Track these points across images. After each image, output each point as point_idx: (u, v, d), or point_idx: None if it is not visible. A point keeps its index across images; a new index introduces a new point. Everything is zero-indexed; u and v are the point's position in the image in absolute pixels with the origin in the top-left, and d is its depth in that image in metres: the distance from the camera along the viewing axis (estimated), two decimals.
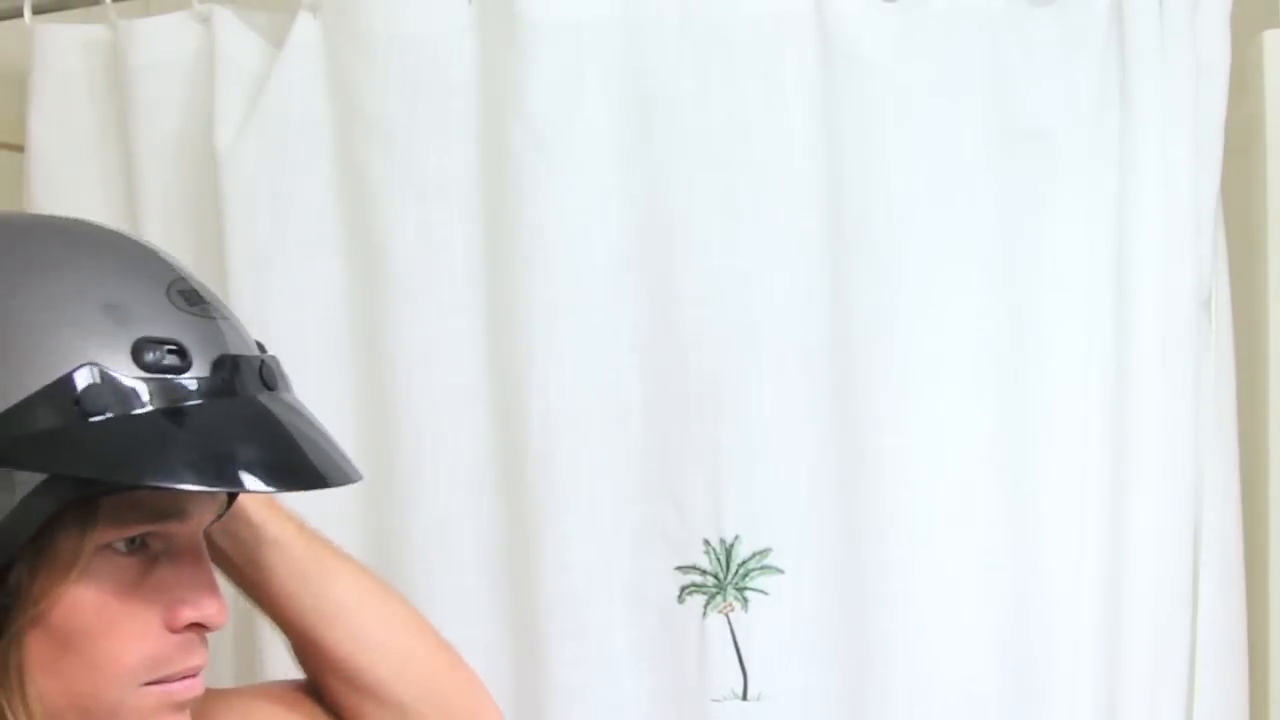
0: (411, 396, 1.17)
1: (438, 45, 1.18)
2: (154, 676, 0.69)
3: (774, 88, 1.15)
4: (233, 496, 0.75)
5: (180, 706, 0.71)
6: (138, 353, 0.64)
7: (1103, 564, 1.13)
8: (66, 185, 1.29)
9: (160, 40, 1.25)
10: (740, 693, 1.16)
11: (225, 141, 1.20)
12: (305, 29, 1.21)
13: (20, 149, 1.31)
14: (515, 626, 1.18)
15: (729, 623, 1.17)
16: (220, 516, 0.74)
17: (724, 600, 1.16)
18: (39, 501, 0.63)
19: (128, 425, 0.63)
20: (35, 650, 0.67)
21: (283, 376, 0.71)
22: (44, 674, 0.67)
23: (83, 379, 0.63)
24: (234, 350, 0.68)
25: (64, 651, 0.68)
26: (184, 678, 0.70)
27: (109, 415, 0.63)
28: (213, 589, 0.70)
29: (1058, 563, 1.13)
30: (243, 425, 0.67)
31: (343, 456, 0.71)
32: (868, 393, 1.14)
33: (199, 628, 0.70)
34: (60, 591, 0.66)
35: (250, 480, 0.65)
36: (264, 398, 0.68)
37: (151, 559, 0.69)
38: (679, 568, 1.16)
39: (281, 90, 1.20)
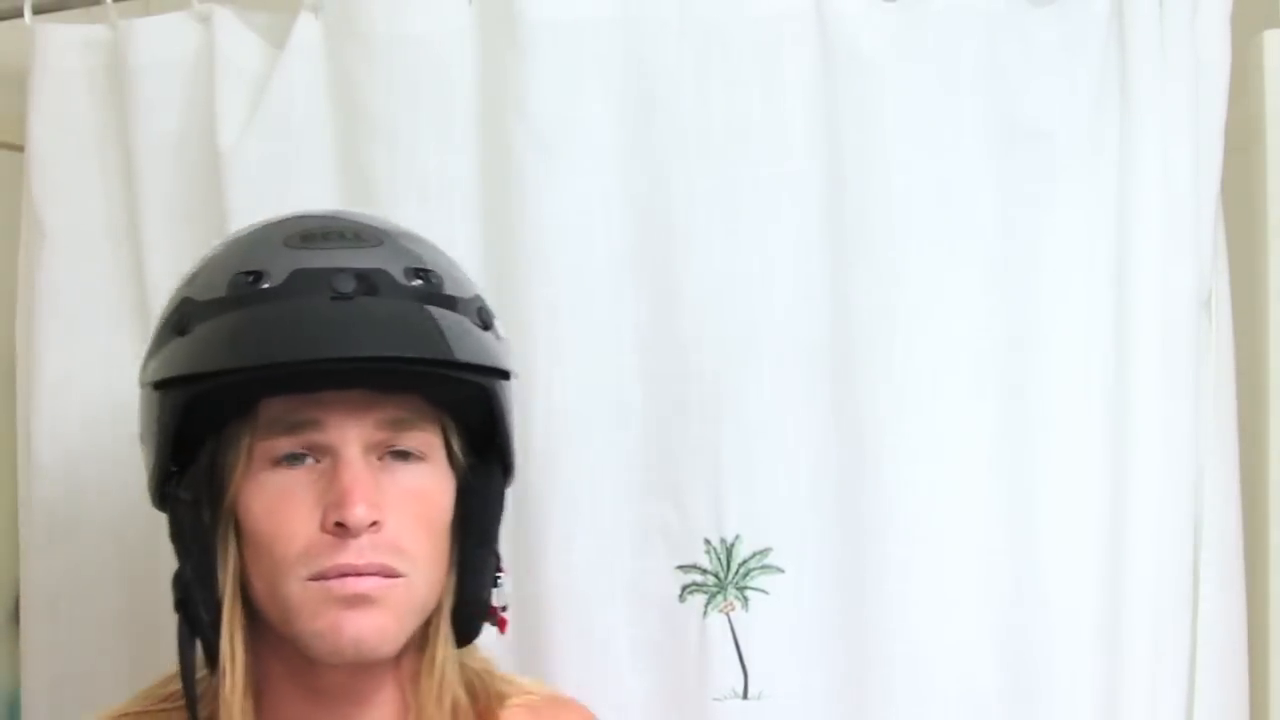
0: None
1: (438, 45, 1.18)
2: (312, 572, 0.80)
3: (774, 88, 1.15)
4: (390, 425, 0.83)
5: (345, 602, 0.80)
6: (230, 284, 0.82)
7: (1103, 563, 1.13)
8: (66, 185, 1.29)
9: (160, 40, 1.25)
10: (741, 692, 1.16)
11: (227, 142, 1.20)
12: (306, 29, 1.21)
13: (20, 149, 1.31)
14: (516, 625, 1.18)
15: (730, 622, 1.17)
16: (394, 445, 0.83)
17: (725, 599, 1.16)
18: (161, 409, 0.83)
19: (200, 333, 0.81)
20: (246, 553, 0.82)
21: (386, 284, 0.82)
22: (252, 573, 0.83)
23: (177, 309, 0.85)
24: (327, 266, 0.81)
25: (255, 551, 0.82)
26: (340, 575, 0.79)
27: (189, 334, 0.82)
28: (354, 495, 0.79)
29: (1058, 562, 1.13)
30: (275, 319, 0.80)
31: (358, 344, 0.79)
32: (868, 392, 1.14)
33: (345, 529, 0.79)
34: (237, 495, 0.82)
35: (237, 357, 0.79)
36: (324, 300, 0.80)
37: (317, 473, 0.81)
38: (680, 567, 1.16)
39: (282, 91, 1.20)
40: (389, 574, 0.81)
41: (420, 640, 0.87)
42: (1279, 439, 1.17)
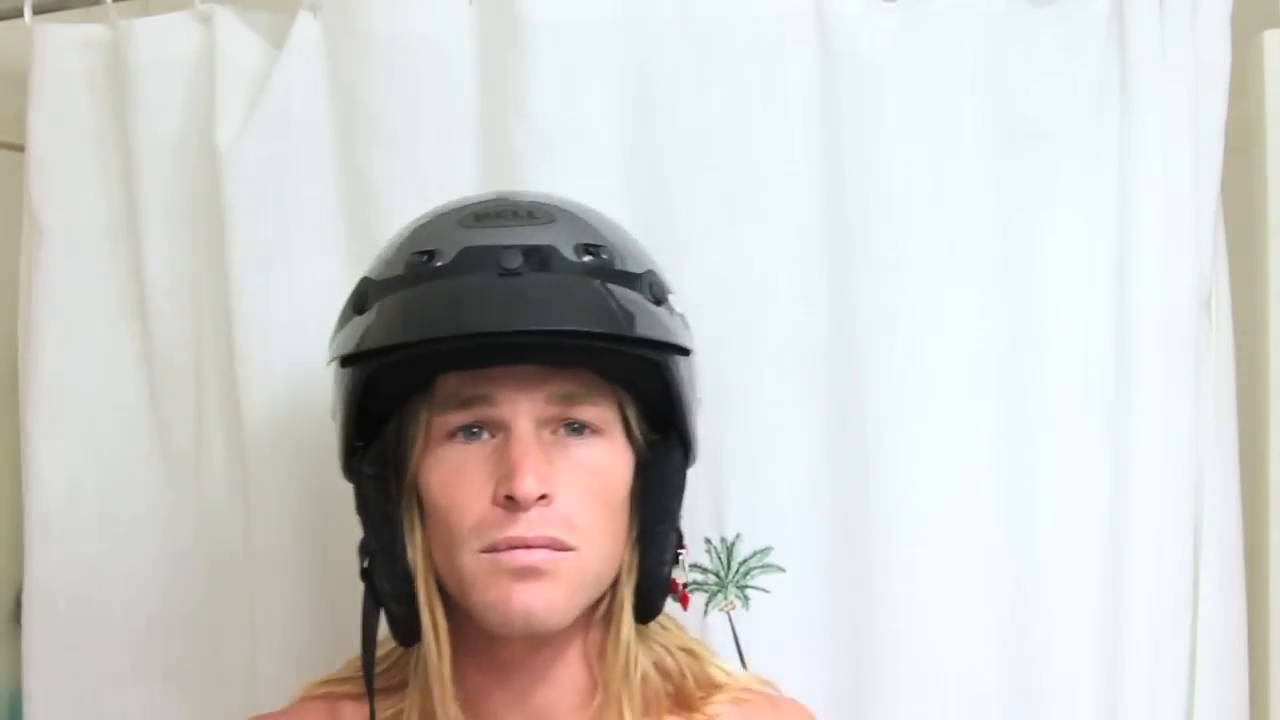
0: None
1: (438, 45, 1.18)
2: (483, 544, 0.82)
3: (774, 88, 1.15)
4: (561, 400, 0.85)
5: (515, 574, 0.81)
6: (406, 263, 0.85)
7: (1103, 563, 1.13)
8: (66, 185, 1.29)
9: (160, 40, 1.25)
10: None
11: (226, 141, 1.20)
12: (305, 29, 1.21)
13: (20, 149, 1.31)
14: None
15: (730, 620, 1.17)
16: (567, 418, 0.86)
17: (725, 598, 1.16)
18: (344, 385, 0.86)
19: (376, 310, 0.84)
20: (428, 526, 0.86)
21: (556, 260, 0.84)
22: (434, 545, 0.86)
23: (358, 289, 0.88)
24: (496, 243, 0.83)
25: (434, 524, 0.85)
26: (510, 547, 0.81)
27: (367, 311, 0.85)
28: (523, 468, 0.81)
29: (1058, 562, 1.13)
30: (443, 295, 0.82)
31: (525, 317, 0.81)
32: (868, 392, 1.14)
33: (514, 502, 0.81)
34: (417, 469, 0.85)
35: (406, 332, 0.82)
36: (492, 277, 0.82)
37: (491, 447, 0.83)
38: None
39: (282, 90, 1.20)
40: (559, 547, 0.82)
41: (606, 616, 0.89)
42: (1279, 439, 1.17)
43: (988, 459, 1.14)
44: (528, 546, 0.81)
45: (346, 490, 1.18)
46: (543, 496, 0.81)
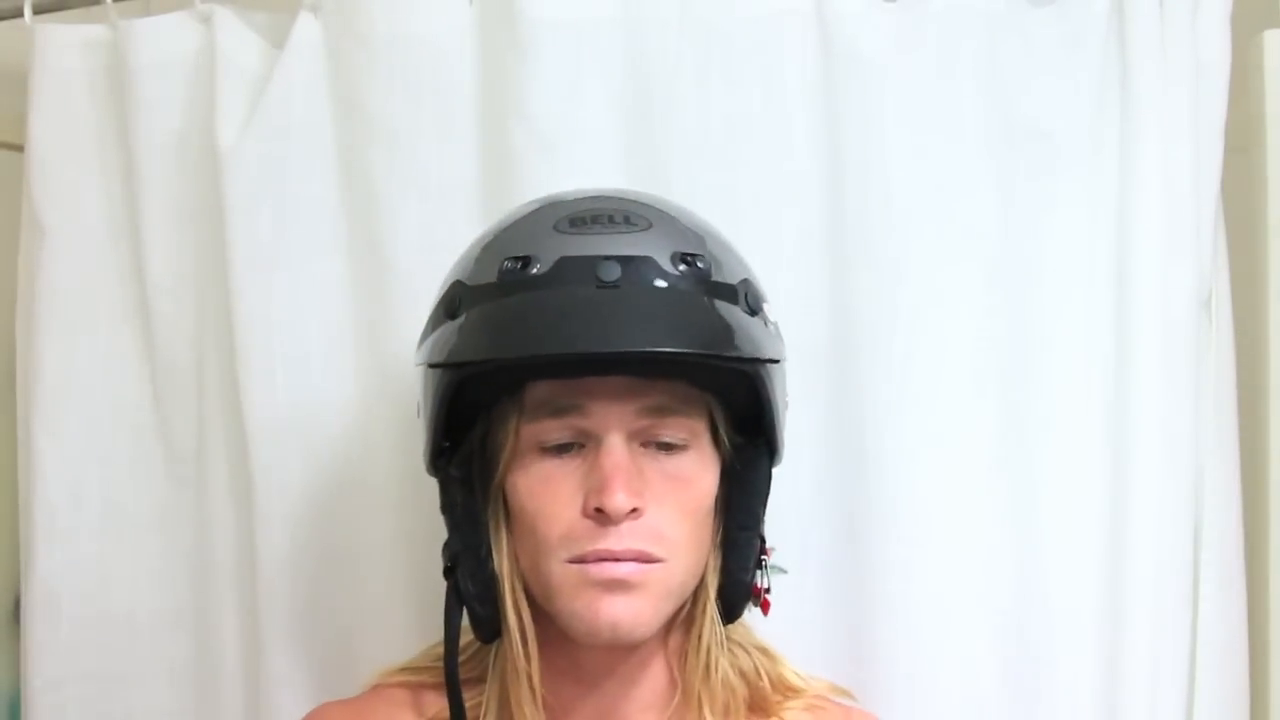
0: (414, 396, 1.16)
1: (438, 45, 1.18)
2: (571, 554, 0.82)
3: (774, 87, 1.15)
4: (652, 413, 0.84)
5: (603, 586, 0.82)
6: (500, 270, 0.84)
7: (1103, 563, 1.13)
8: (66, 185, 1.29)
9: (161, 40, 1.25)
10: None
11: (226, 142, 1.20)
12: (306, 29, 1.21)
13: (20, 149, 1.31)
14: None
15: None
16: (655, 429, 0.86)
17: None
18: (433, 389, 0.85)
19: (470, 319, 0.84)
20: (514, 530, 0.86)
21: (647, 270, 0.83)
22: (519, 550, 0.86)
23: (449, 291, 0.87)
24: (594, 253, 0.82)
25: (521, 530, 0.85)
26: (599, 560, 0.81)
27: (459, 318, 0.84)
28: (615, 482, 0.81)
29: (1058, 562, 1.13)
30: (512, 311, 0.82)
31: (640, 335, 0.80)
32: (869, 392, 1.14)
33: (605, 515, 0.81)
34: (505, 475, 0.85)
35: (501, 348, 0.81)
36: (589, 289, 0.81)
37: (580, 457, 0.83)
38: None
39: (282, 90, 1.20)
40: (647, 559, 0.83)
41: (688, 619, 0.89)
42: (1279, 439, 1.17)
43: (988, 459, 1.14)
44: (616, 559, 0.82)
45: (347, 490, 1.18)
46: (633, 510, 0.82)
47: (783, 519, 1.15)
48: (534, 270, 0.83)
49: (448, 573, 0.88)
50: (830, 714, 0.97)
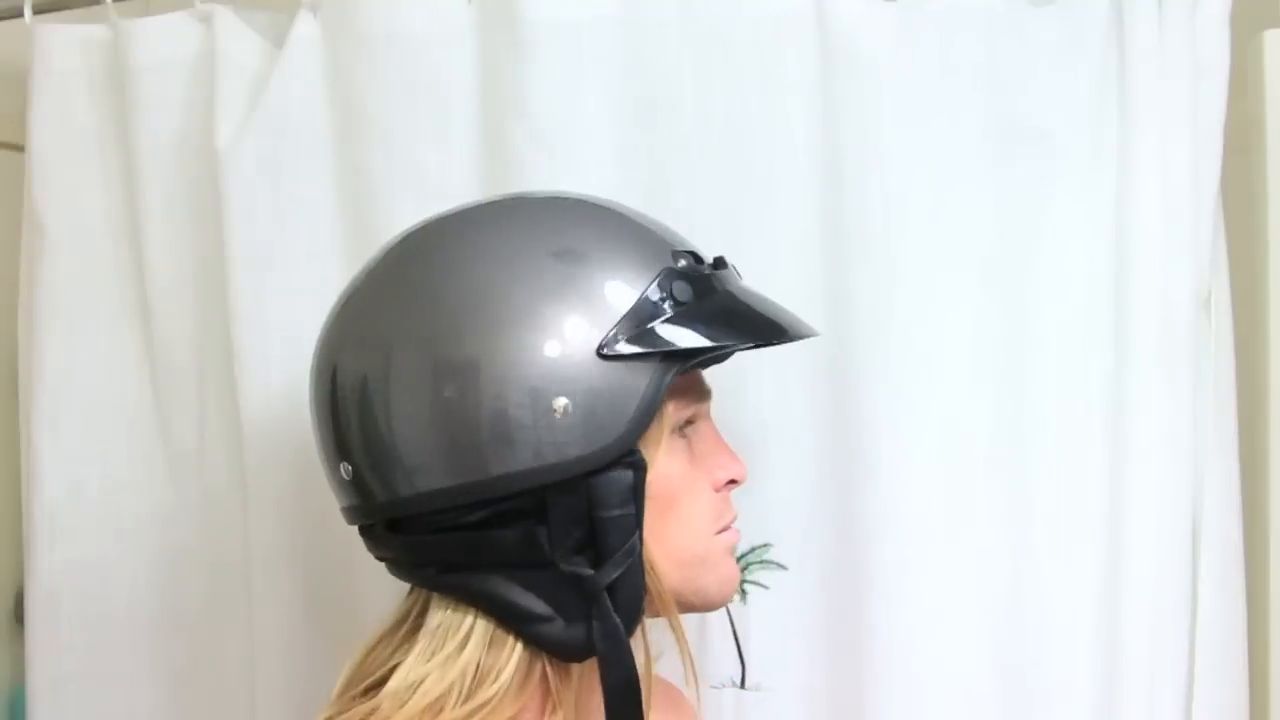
0: None
1: (438, 45, 1.18)
2: (718, 527, 0.88)
3: (774, 88, 1.15)
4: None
5: (732, 550, 0.90)
6: (676, 258, 0.85)
7: (1102, 563, 1.13)
8: (66, 185, 1.29)
9: (160, 40, 1.25)
10: (739, 681, 1.17)
11: (225, 141, 1.20)
12: (305, 28, 1.21)
13: (20, 149, 1.31)
14: None
15: (729, 615, 1.17)
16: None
17: None
18: (663, 375, 0.81)
19: (702, 306, 0.84)
20: (647, 521, 0.83)
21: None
22: (652, 540, 0.83)
23: (670, 279, 0.84)
24: (693, 248, 0.87)
25: (664, 516, 0.84)
26: (727, 528, 0.88)
27: (690, 302, 0.83)
28: (734, 453, 0.89)
29: (1056, 562, 1.13)
30: (753, 297, 0.87)
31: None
32: (867, 391, 1.14)
33: (731, 484, 0.88)
34: (655, 463, 0.83)
35: (787, 331, 0.85)
36: (740, 282, 0.88)
37: (691, 441, 0.87)
38: None
39: (281, 90, 1.21)
40: None
41: None
42: (1279, 439, 1.17)
43: (987, 458, 1.14)
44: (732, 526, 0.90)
45: None
46: None
47: (783, 519, 1.16)
48: (709, 267, 0.86)
49: (607, 591, 0.82)
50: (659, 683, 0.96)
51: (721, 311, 0.84)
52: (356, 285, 0.86)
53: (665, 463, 0.84)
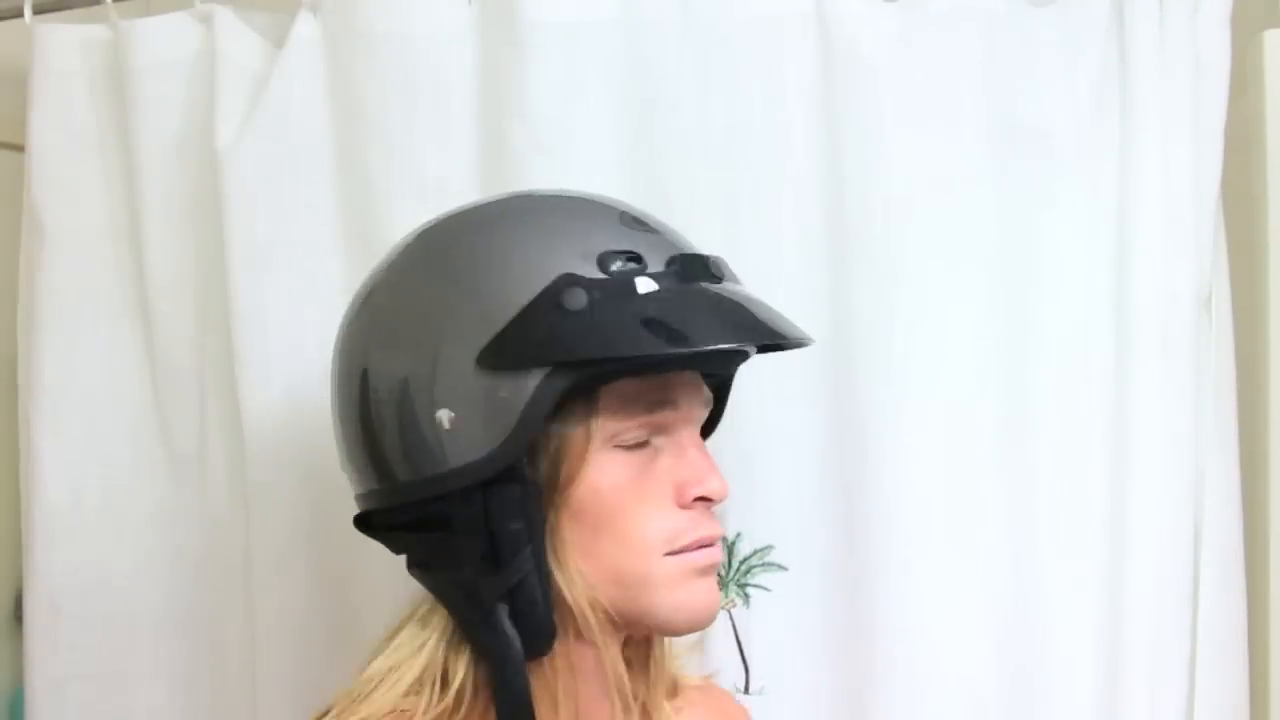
0: None
1: (438, 45, 1.18)
2: (672, 548, 0.81)
3: (774, 88, 1.15)
4: (706, 404, 0.85)
5: (702, 572, 0.83)
6: (602, 262, 0.80)
7: (1103, 563, 1.13)
8: (66, 185, 1.29)
9: (161, 40, 1.25)
10: (742, 686, 1.17)
11: (225, 141, 1.20)
12: (305, 28, 1.21)
13: (20, 149, 1.31)
14: None
15: (730, 618, 1.17)
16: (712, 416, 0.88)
17: (726, 596, 1.16)
18: (546, 389, 0.78)
19: (601, 315, 0.78)
20: (570, 536, 0.81)
21: (729, 271, 0.84)
22: (580, 556, 0.81)
23: (561, 287, 0.79)
24: (684, 250, 0.83)
25: (596, 532, 0.81)
26: (700, 547, 0.82)
27: (584, 310, 0.78)
28: (714, 468, 0.83)
29: (1058, 562, 1.13)
30: (694, 302, 0.80)
31: (792, 325, 0.83)
32: (868, 392, 1.14)
33: (706, 501, 0.82)
34: (579, 478, 0.80)
35: (705, 340, 0.79)
36: (712, 285, 0.82)
37: (655, 453, 0.82)
38: None
39: (281, 90, 1.21)
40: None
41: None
42: (1279, 439, 1.17)
43: (988, 458, 1.14)
44: (713, 544, 0.83)
45: (345, 489, 1.18)
46: None
47: (783, 519, 1.16)
48: (649, 269, 0.80)
49: (505, 596, 0.81)
50: (715, 693, 0.99)
51: (628, 321, 0.78)
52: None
53: (596, 477, 0.81)
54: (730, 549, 1.16)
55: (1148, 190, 1.11)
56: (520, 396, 0.78)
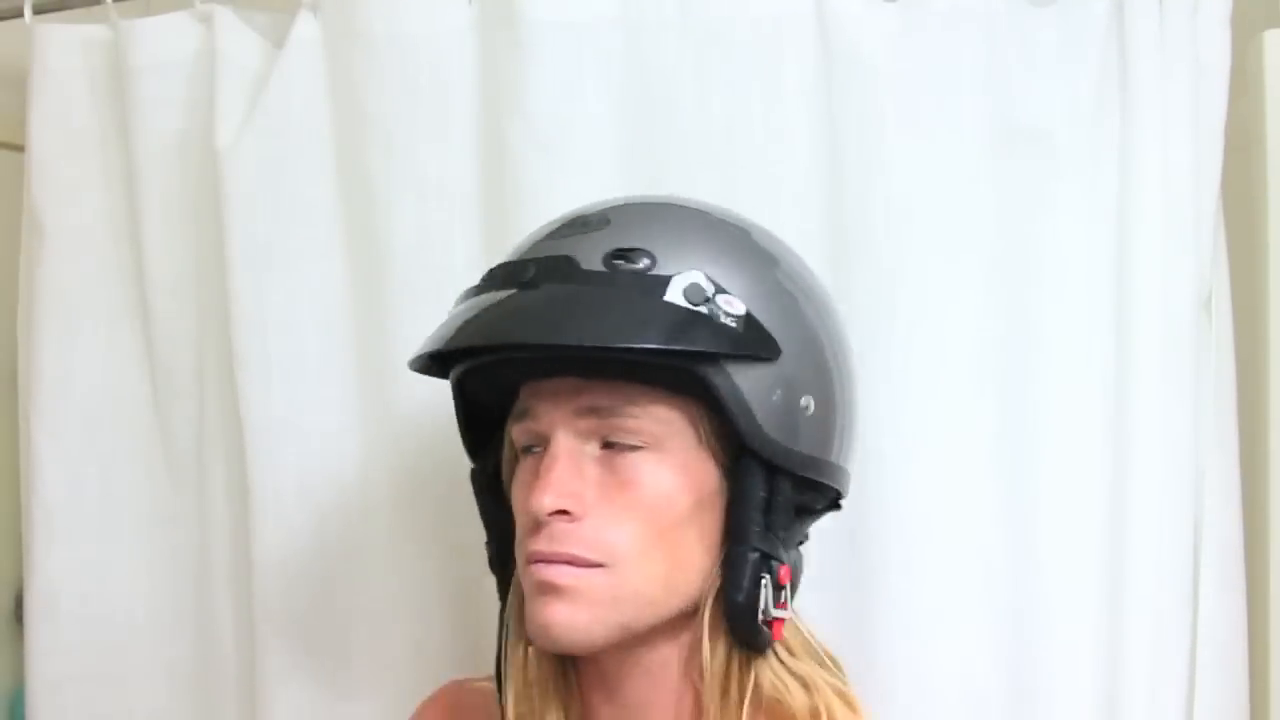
0: (413, 396, 1.17)
1: (438, 45, 1.18)
2: (523, 556, 0.82)
3: (774, 88, 1.15)
4: (592, 413, 0.82)
5: (539, 589, 0.81)
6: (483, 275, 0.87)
7: (1103, 564, 1.13)
8: (66, 185, 1.29)
9: (161, 40, 1.25)
10: None
11: (225, 141, 1.20)
12: (305, 28, 1.21)
13: (20, 149, 1.31)
14: None
15: None
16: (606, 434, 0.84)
17: None
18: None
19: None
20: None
21: (572, 271, 0.82)
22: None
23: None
24: (520, 259, 0.85)
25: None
26: (535, 562, 0.81)
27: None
28: (544, 484, 0.80)
29: (1058, 562, 1.13)
30: (454, 311, 0.84)
31: (545, 329, 0.80)
32: (868, 392, 1.13)
33: (562, 515, 0.80)
34: (509, 476, 0.87)
35: (425, 347, 0.83)
36: (501, 292, 0.83)
37: (541, 460, 0.82)
38: None
39: (281, 90, 1.21)
40: (580, 564, 0.80)
41: (696, 638, 0.85)
42: (1279, 439, 1.17)
43: (988, 459, 1.14)
44: (548, 562, 0.80)
45: (345, 489, 1.18)
46: (564, 512, 0.80)
47: None
48: (480, 280, 0.86)
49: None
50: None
51: (439, 326, 0.85)
52: None
53: (514, 482, 0.87)
54: None
55: (1148, 190, 1.11)
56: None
